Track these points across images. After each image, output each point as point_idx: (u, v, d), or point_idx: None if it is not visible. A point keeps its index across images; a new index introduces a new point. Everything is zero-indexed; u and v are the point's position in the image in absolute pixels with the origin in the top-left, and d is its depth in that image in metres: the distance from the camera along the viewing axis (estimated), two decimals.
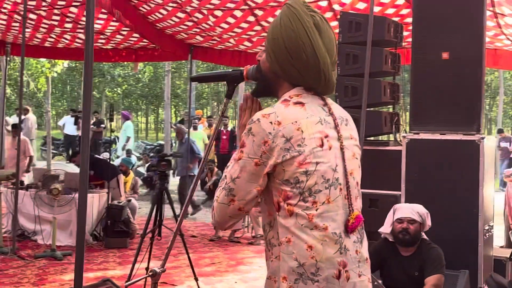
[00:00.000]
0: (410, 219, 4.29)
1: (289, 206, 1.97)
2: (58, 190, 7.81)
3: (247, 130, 2.00)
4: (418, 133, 5.00)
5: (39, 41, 11.16)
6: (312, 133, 1.99)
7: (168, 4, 8.39)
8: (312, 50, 2.04)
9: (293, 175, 1.96)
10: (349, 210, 2.04)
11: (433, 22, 4.98)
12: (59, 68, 16.50)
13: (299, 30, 2.04)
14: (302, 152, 1.96)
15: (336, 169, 2.03)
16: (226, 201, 2.02)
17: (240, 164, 2.00)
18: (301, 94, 2.07)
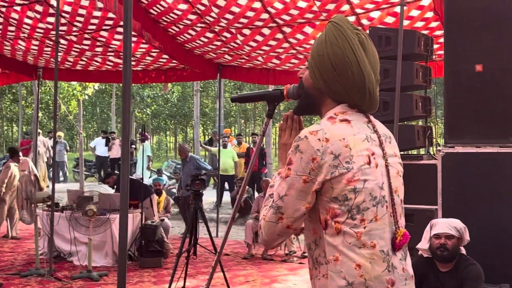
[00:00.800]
0: (448, 234, 4.24)
1: (337, 224, 1.97)
2: (93, 211, 7.89)
3: (294, 148, 2.00)
4: (454, 147, 4.95)
5: (71, 64, 11.35)
6: (359, 150, 2.00)
7: (197, 24, 8.48)
8: (358, 67, 2.04)
9: (342, 193, 1.96)
10: (395, 227, 2.04)
11: (465, 34, 4.95)
12: (90, 90, 16.74)
13: (345, 47, 2.04)
14: (350, 169, 1.96)
15: (382, 187, 2.03)
16: (274, 220, 2.01)
17: (288, 181, 1.99)
18: (346, 111, 2.08)
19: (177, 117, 38.93)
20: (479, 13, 4.91)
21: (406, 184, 5.58)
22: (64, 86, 16.93)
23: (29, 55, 10.82)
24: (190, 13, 8.08)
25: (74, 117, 23.92)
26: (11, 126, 42.39)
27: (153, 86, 32.54)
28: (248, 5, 7.52)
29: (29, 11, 8.54)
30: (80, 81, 14.97)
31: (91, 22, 8.74)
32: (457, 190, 4.88)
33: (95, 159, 22.03)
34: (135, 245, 8.77)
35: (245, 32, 8.55)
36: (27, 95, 29.88)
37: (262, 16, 7.83)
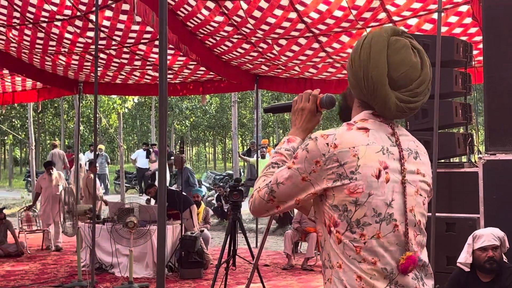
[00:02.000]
0: (494, 246, 4.14)
1: (338, 234, 1.92)
2: (134, 223, 7.98)
3: (304, 145, 1.98)
4: (495, 154, 4.86)
5: (110, 78, 11.54)
6: (369, 161, 1.91)
7: (233, 36, 8.54)
8: (367, 72, 1.98)
9: (342, 202, 1.90)
10: (405, 249, 1.93)
11: (504, 39, 4.87)
12: (129, 104, 16.98)
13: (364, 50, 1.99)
14: (353, 180, 1.89)
15: (391, 204, 1.93)
16: (266, 198, 2.01)
17: (289, 172, 1.98)
18: (367, 120, 1.99)
19: (215, 128, 39.17)
20: None
21: (448, 192, 5.52)
22: (104, 100, 17.21)
23: (70, 70, 11.03)
24: (226, 25, 8.14)
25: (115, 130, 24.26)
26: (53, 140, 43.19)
27: (191, 98, 32.82)
28: (284, 16, 7.53)
29: (69, 26, 8.72)
30: (119, 95, 15.20)
31: (129, 36, 8.88)
32: (499, 198, 4.79)
33: (136, 171, 22.30)
34: (175, 256, 8.83)
35: (281, 42, 8.57)
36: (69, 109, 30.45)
37: (298, 26, 7.83)
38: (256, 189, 2.06)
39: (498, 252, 4.15)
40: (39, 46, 9.64)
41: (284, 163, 2.09)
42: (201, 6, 7.74)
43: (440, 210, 5.29)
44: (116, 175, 23.27)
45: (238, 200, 6.10)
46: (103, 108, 17.28)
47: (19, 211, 12.29)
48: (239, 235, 6.63)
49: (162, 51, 2.96)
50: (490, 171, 4.83)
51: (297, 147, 2.15)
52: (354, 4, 6.97)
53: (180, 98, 32.03)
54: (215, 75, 10.87)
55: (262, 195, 2.02)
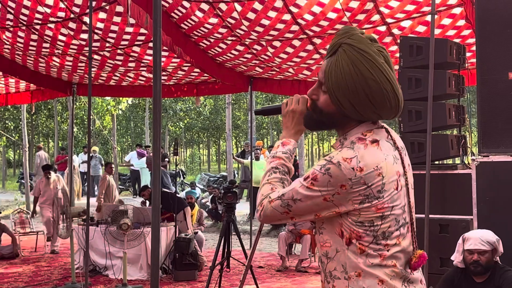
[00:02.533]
0: (480, 250, 4.18)
1: (361, 246, 1.95)
2: (128, 225, 7.97)
3: (324, 169, 1.93)
4: (488, 156, 4.88)
5: (104, 80, 11.52)
6: (390, 176, 1.96)
7: (227, 38, 8.54)
8: (394, 93, 1.98)
9: (369, 219, 1.94)
10: (413, 247, 2.03)
11: (497, 41, 4.89)
12: (123, 105, 16.97)
13: (381, 79, 1.95)
14: (381, 199, 1.93)
15: (404, 209, 2.01)
16: (280, 211, 2.01)
17: (307, 193, 1.95)
18: (372, 130, 2.02)
19: (209, 130, 39.17)
20: (510, 20, 4.84)
21: (441, 194, 5.54)
22: (98, 102, 17.19)
23: (64, 72, 11.01)
24: (220, 27, 8.14)
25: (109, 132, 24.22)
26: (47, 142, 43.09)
27: (185, 100, 32.82)
28: (278, 17, 7.54)
29: (63, 28, 8.70)
30: (113, 96, 15.18)
31: (123, 38, 8.87)
32: (492, 200, 4.81)
33: (130, 173, 22.27)
34: (169, 258, 8.83)
35: (276, 44, 8.57)
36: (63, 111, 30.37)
37: (292, 28, 7.84)
38: (266, 197, 2.05)
39: (485, 257, 4.18)
40: (32, 48, 9.62)
41: (284, 167, 2.13)
42: (195, 8, 7.74)
43: (433, 211, 5.31)
44: None
45: (232, 202, 6.10)
46: (97, 110, 17.27)
47: (12, 213, 12.26)
48: (233, 236, 6.64)
49: (156, 53, 2.96)
50: (483, 172, 4.85)
51: (292, 149, 2.18)
52: (348, 6, 6.99)
53: (174, 100, 32.02)
54: (209, 77, 10.86)
55: (275, 207, 2.02)
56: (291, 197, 1.98)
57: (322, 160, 1.97)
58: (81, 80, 11.77)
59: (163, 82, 11.37)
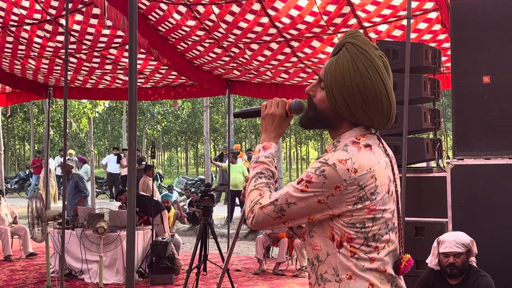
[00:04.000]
0: (455, 252, 4.22)
1: (352, 248, 1.97)
2: (104, 228, 7.91)
3: (319, 171, 1.95)
4: (463, 159, 4.93)
5: (81, 82, 11.43)
6: (383, 179, 2.00)
7: (205, 40, 8.53)
8: (387, 97, 2.01)
9: (360, 220, 1.96)
10: (400, 251, 2.07)
11: (471, 46, 4.95)
12: (100, 108, 16.86)
13: (376, 79, 1.99)
14: (373, 200, 1.96)
15: (393, 214, 2.05)
16: (273, 216, 2.02)
17: (302, 195, 1.97)
18: (365, 135, 2.05)
19: (187, 133, 39.09)
20: (485, 25, 4.90)
21: (417, 196, 5.57)
22: (74, 104, 17.05)
23: (39, 74, 10.91)
24: (198, 29, 8.12)
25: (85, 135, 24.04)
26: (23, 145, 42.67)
27: (163, 103, 32.72)
28: (256, 20, 7.55)
29: (39, 30, 8.62)
30: (90, 99, 15.07)
31: (100, 40, 8.81)
32: (467, 203, 4.85)
33: (107, 176, 22.12)
34: (146, 262, 8.77)
35: (253, 47, 8.58)
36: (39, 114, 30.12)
37: (270, 31, 7.86)
38: (257, 204, 2.05)
39: (461, 259, 4.23)
40: (8, 50, 9.52)
41: (268, 171, 2.14)
42: (173, 11, 7.72)
43: (409, 214, 5.35)
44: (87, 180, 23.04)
45: (209, 205, 6.08)
46: (73, 113, 17.11)
47: None
48: (211, 240, 6.62)
49: (132, 55, 2.95)
50: (457, 176, 4.89)
51: (274, 153, 2.21)
52: (325, 10, 7.02)
53: (151, 103, 31.89)
54: (187, 80, 10.84)
55: (268, 212, 2.02)
56: (285, 201, 1.99)
57: (316, 162, 1.98)
58: (57, 83, 11.67)
59: (140, 85, 11.32)
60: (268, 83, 10.86)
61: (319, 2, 6.88)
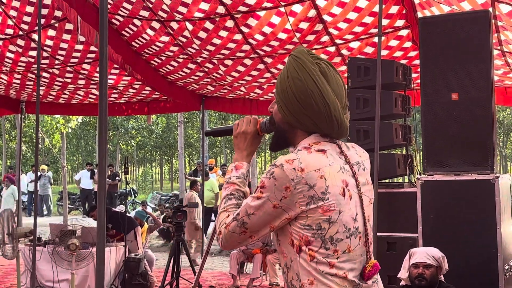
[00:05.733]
0: (425, 264, 4.26)
1: (311, 251, 1.99)
2: (76, 245, 7.82)
3: (269, 173, 2.01)
4: (432, 175, 4.99)
5: (53, 98, 11.34)
6: (334, 181, 2.02)
7: (179, 56, 8.54)
8: (321, 97, 2.06)
9: (316, 221, 1.98)
10: (367, 257, 2.08)
11: (440, 64, 5.03)
12: (73, 123, 16.71)
13: (306, 78, 2.07)
14: (326, 200, 1.98)
15: (356, 218, 2.06)
16: (237, 232, 2.06)
17: (258, 203, 2.02)
18: (320, 142, 2.10)
19: (162, 148, 38.92)
20: (453, 43, 4.99)
21: (388, 211, 5.62)
22: (47, 120, 16.88)
23: (11, 89, 10.81)
24: (172, 45, 8.14)
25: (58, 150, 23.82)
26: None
27: (137, 118, 32.55)
28: (229, 37, 7.59)
29: (11, 45, 8.57)
30: (63, 114, 14.95)
31: (73, 56, 8.78)
32: (437, 218, 4.91)
33: (80, 192, 21.89)
34: (118, 279, 8.68)
35: (227, 62, 8.62)
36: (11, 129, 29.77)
37: (244, 48, 7.90)
38: (222, 224, 2.10)
39: (431, 271, 4.27)
40: None
41: (239, 192, 2.17)
42: (146, 26, 7.74)
43: (381, 229, 5.38)
44: (60, 196, 22.79)
45: (182, 221, 6.06)
46: (46, 128, 16.95)
47: None
48: (184, 256, 6.59)
49: (102, 70, 2.95)
50: (427, 191, 4.95)
51: (246, 172, 2.23)
52: (298, 27, 7.09)
53: (125, 118, 31.71)
54: (161, 95, 10.82)
55: (232, 229, 2.06)
56: (246, 213, 2.04)
57: (268, 168, 2.04)
58: (29, 98, 11.56)
59: (114, 100, 11.27)
60: (242, 99, 10.89)
61: (292, 20, 6.94)
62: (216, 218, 2.16)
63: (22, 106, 11.78)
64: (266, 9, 6.84)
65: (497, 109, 27.44)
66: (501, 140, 35.79)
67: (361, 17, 6.73)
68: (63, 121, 16.17)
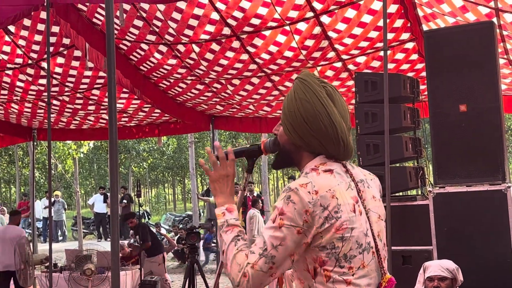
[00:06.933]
0: (440, 276, 4.25)
1: (326, 272, 2.00)
2: (92, 270, 7.86)
3: (285, 198, 2.01)
4: (444, 187, 4.98)
5: (64, 124, 11.43)
6: (345, 199, 2.05)
7: (187, 78, 8.60)
8: (329, 118, 2.10)
9: (330, 241, 2.00)
10: (381, 273, 2.09)
11: (447, 75, 5.04)
12: (85, 148, 16.83)
13: (314, 100, 2.11)
14: (339, 218, 2.00)
15: (367, 234, 2.07)
16: (265, 269, 1.99)
17: (283, 231, 1.99)
18: (326, 163, 2.13)
19: (174, 169, 38.98)
20: (458, 55, 5.00)
21: (402, 225, 5.61)
22: (59, 146, 17.01)
23: (23, 118, 10.91)
24: (179, 67, 8.20)
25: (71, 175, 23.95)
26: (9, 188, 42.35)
27: (148, 140, 32.71)
28: (236, 57, 7.65)
29: (21, 74, 8.66)
30: (74, 140, 15.05)
31: (82, 82, 8.86)
32: (450, 230, 4.89)
33: (94, 216, 21.96)
34: None
35: (235, 82, 8.67)
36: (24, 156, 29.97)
37: (251, 67, 7.95)
38: (246, 265, 1.99)
39: (446, 283, 4.25)
40: None
41: (243, 234, 2.12)
42: (154, 50, 7.81)
43: (395, 243, 5.37)
44: (74, 221, 22.88)
45: (195, 243, 6.07)
46: (58, 154, 17.07)
47: None
48: (199, 277, 6.60)
49: (111, 95, 2.99)
50: (439, 204, 4.94)
51: (237, 215, 2.20)
52: (304, 45, 7.13)
53: (137, 141, 31.87)
54: (170, 117, 10.88)
55: (260, 267, 1.99)
56: (272, 246, 1.99)
57: (281, 194, 2.04)
58: (41, 125, 11.67)
59: (124, 124, 11.35)
60: (251, 117, 10.93)
61: (297, 38, 6.99)
62: (231, 260, 2.05)
63: (34, 133, 11.89)
64: (271, 28, 6.89)
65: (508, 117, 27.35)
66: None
67: (366, 32, 6.76)
68: (75, 146, 16.29)
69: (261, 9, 6.53)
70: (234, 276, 2.02)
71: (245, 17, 6.66)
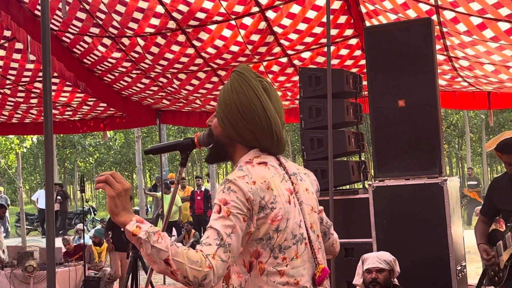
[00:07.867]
0: (378, 268, 4.34)
1: (261, 264, 2.03)
2: (33, 267, 7.71)
3: (226, 189, 2.01)
4: (383, 180, 5.09)
5: (6, 118, 11.16)
6: (280, 190, 2.08)
7: (132, 71, 8.51)
8: (264, 112, 2.12)
9: (266, 232, 2.03)
10: (315, 263, 2.12)
11: (386, 72, 5.14)
12: (28, 143, 16.46)
13: (250, 94, 2.13)
14: (274, 209, 2.03)
15: (300, 225, 2.11)
16: (225, 258, 1.93)
17: (232, 219, 1.97)
18: (260, 155, 2.16)
19: (121, 164, 38.49)
20: (397, 51, 5.10)
21: (345, 218, 5.70)
22: (1, 140, 16.60)
23: None
24: (124, 61, 8.11)
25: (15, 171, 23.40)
26: None
27: (94, 135, 32.22)
28: (182, 52, 7.60)
29: None
30: (17, 134, 14.71)
31: (24, 75, 8.67)
32: (389, 222, 5.00)
33: (38, 212, 21.53)
34: None
35: (181, 76, 8.62)
36: None
37: (197, 61, 7.92)
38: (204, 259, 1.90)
39: (383, 275, 4.34)
40: None
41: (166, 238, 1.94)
42: (98, 43, 7.69)
43: (338, 236, 5.43)
44: (17, 217, 22.37)
45: None
46: (1, 149, 16.66)
47: None
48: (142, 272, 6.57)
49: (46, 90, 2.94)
50: (379, 197, 5.04)
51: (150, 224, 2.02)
52: (249, 40, 7.15)
53: (82, 135, 31.35)
54: (116, 111, 10.75)
55: (220, 257, 1.92)
56: (227, 235, 1.95)
57: (219, 187, 2.05)
58: None
59: (68, 118, 11.15)
60: (199, 111, 10.89)
61: (243, 32, 7.00)
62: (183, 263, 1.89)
63: None
64: (217, 22, 6.88)
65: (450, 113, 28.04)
66: (457, 143, 36.50)
67: (311, 28, 6.82)
68: (18, 141, 15.92)
69: (207, 3, 6.51)
70: (195, 274, 1.89)
71: (191, 11, 6.63)
